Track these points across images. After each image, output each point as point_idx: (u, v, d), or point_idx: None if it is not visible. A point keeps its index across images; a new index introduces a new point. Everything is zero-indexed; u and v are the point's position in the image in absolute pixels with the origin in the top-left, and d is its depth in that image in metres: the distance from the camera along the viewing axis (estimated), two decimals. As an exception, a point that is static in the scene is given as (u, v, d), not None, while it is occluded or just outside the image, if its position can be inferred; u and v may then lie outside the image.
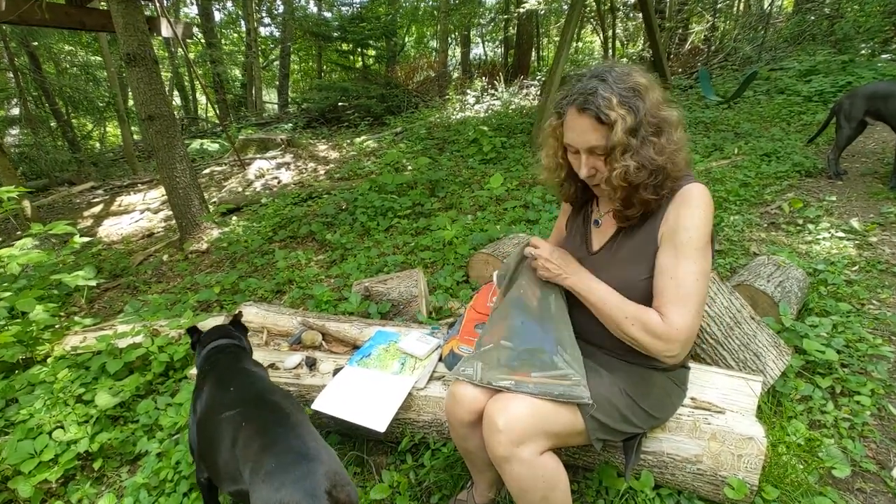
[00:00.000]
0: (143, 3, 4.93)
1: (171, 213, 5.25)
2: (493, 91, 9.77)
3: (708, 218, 1.24)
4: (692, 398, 1.65)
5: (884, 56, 7.28)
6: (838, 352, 2.17)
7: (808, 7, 9.07)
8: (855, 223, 3.33)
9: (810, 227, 3.41)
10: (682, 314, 1.21)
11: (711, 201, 1.27)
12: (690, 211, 1.23)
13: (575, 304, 1.42)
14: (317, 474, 1.17)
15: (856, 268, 2.91)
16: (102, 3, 6.41)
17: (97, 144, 13.67)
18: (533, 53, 13.08)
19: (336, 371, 2.00)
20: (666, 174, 1.23)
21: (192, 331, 1.90)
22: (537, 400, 1.25)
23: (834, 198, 3.87)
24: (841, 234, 3.26)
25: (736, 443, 1.50)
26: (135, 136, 11.83)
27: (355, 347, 2.21)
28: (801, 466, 1.65)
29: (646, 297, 1.29)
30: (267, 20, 16.30)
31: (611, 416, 1.32)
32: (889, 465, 1.74)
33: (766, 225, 3.60)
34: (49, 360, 2.47)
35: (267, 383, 1.61)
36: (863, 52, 7.63)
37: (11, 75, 9.26)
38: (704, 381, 1.75)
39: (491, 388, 1.33)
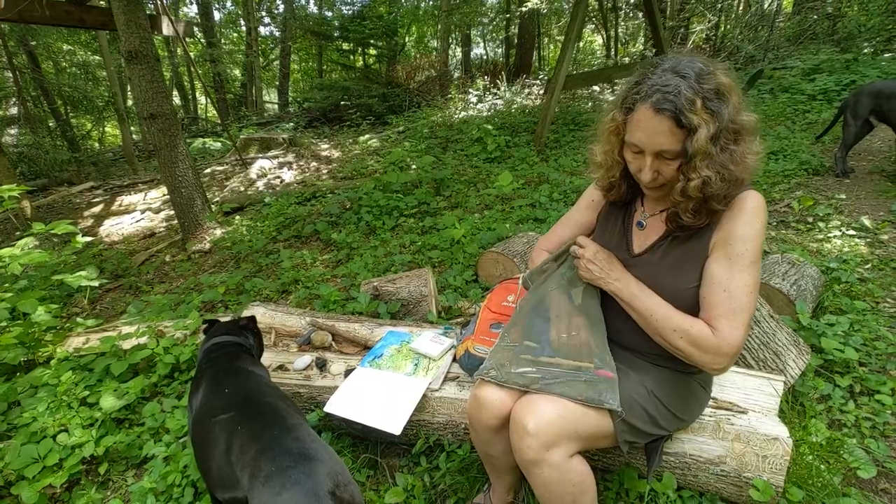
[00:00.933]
0: (144, 0, 4.88)
1: (172, 212, 5.21)
2: (495, 90, 9.74)
3: (763, 229, 1.19)
4: (714, 398, 1.62)
5: (886, 55, 7.27)
6: (856, 350, 2.14)
7: (810, 6, 9.06)
8: (866, 221, 3.30)
9: (820, 224, 3.38)
10: (734, 328, 1.16)
11: (766, 209, 1.20)
12: (747, 221, 1.17)
13: (607, 304, 1.38)
14: (318, 475, 1.14)
15: (868, 266, 2.88)
16: (102, 1, 6.38)
17: (96, 144, 13.60)
18: (534, 53, 13.05)
19: (348, 372, 1.96)
20: (739, 184, 1.15)
21: (210, 324, 1.87)
22: (566, 401, 1.21)
23: (843, 196, 3.84)
24: (852, 232, 3.23)
25: (760, 443, 1.47)
26: (134, 136, 11.78)
27: (366, 348, 2.17)
28: (825, 467, 1.62)
29: (692, 305, 1.24)
30: (267, 20, 16.26)
31: (639, 418, 1.29)
32: (912, 465, 1.70)
33: (775, 223, 3.57)
34: (52, 363, 2.42)
35: (263, 384, 1.57)
36: (866, 50, 7.61)
37: (10, 74, 9.20)
38: (725, 381, 1.72)
39: (518, 388, 1.29)
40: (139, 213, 6.34)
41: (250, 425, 1.32)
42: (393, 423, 1.67)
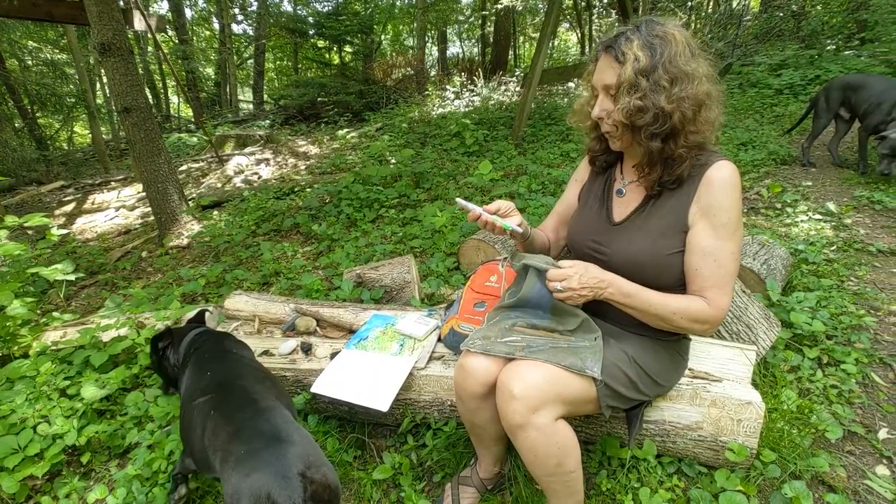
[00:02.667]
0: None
1: (147, 209, 5.13)
2: (472, 87, 9.80)
3: (740, 196, 1.25)
4: (690, 369, 1.68)
5: (848, 52, 7.56)
6: (823, 324, 2.25)
7: (777, 5, 9.35)
8: (831, 206, 3.45)
9: (788, 210, 3.51)
10: (723, 294, 1.24)
11: (740, 178, 1.26)
12: (725, 191, 1.22)
13: None
14: (289, 456, 1.15)
15: (834, 247, 3.00)
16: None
17: (64, 144, 13.21)
18: (510, 50, 13.16)
19: (333, 355, 1.97)
20: (673, 126, 1.19)
21: (164, 335, 1.78)
22: (551, 367, 1.25)
23: (809, 183, 4.00)
24: (818, 217, 3.37)
25: (735, 408, 1.54)
26: (105, 136, 11.48)
27: (351, 332, 2.19)
28: (796, 431, 1.70)
29: (669, 272, 1.30)
30: (241, 17, 16.02)
31: (621, 384, 1.33)
32: (875, 427, 1.80)
33: (746, 210, 3.69)
34: (30, 355, 2.37)
35: (244, 366, 1.59)
36: (829, 47, 7.90)
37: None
38: (700, 352, 1.79)
39: (503, 356, 1.32)
40: (113, 210, 6.21)
41: (223, 409, 1.33)
42: (380, 400, 1.68)
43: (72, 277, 2.90)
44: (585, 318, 1.38)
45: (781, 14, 9.06)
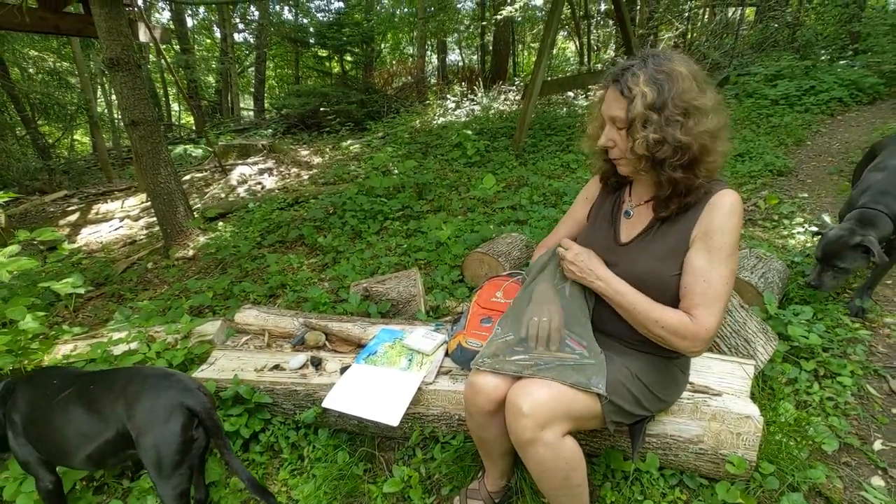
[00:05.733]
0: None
1: (152, 220, 5.18)
2: (472, 96, 9.89)
3: (740, 224, 1.31)
4: (691, 383, 1.73)
5: (842, 62, 7.67)
6: (819, 336, 2.30)
7: (771, 15, 9.47)
8: (827, 218, 3.51)
9: (785, 222, 3.58)
10: (710, 314, 1.28)
11: (742, 206, 1.33)
12: (725, 216, 1.29)
13: (596, 296, 1.48)
14: (184, 379, 1.52)
15: (829, 260, 3.06)
16: (71, 7, 6.28)
17: (65, 153, 13.27)
18: (509, 59, 13.28)
19: (343, 369, 2.02)
20: (694, 157, 1.26)
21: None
22: (558, 385, 1.30)
23: (806, 195, 4.06)
24: (814, 229, 3.42)
25: (734, 422, 1.59)
26: (107, 144, 11.54)
27: (359, 346, 2.23)
28: (793, 443, 1.75)
29: (671, 293, 1.35)
30: (242, 26, 16.13)
31: (625, 400, 1.38)
32: (870, 439, 1.85)
33: (744, 221, 3.75)
34: (44, 369, 2.41)
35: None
36: (823, 57, 8.00)
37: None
38: (701, 367, 1.84)
39: (511, 374, 1.38)
40: (118, 220, 6.26)
41: (101, 379, 1.56)
42: (391, 415, 1.74)
43: (81, 291, 2.95)
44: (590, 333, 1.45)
45: (776, 25, 9.17)
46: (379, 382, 1.89)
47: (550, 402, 1.27)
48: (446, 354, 2.00)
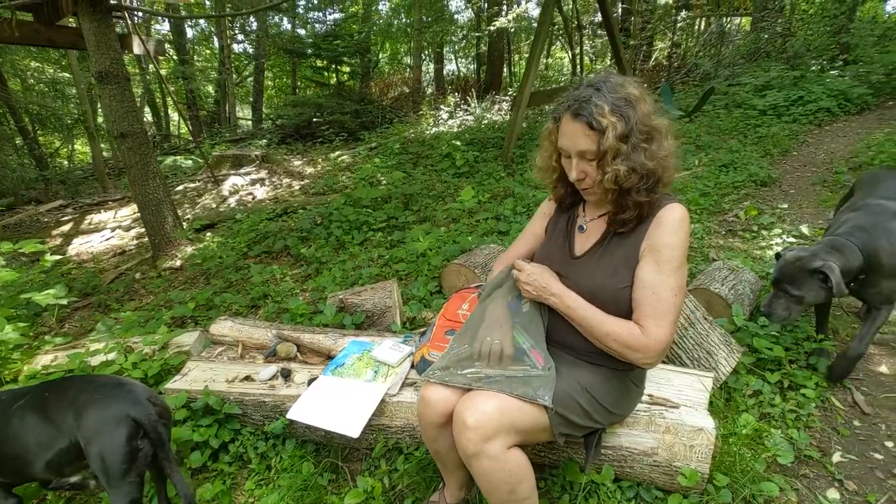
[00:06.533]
0: (115, 20, 4.93)
1: (143, 230, 5.21)
2: (465, 106, 9.97)
3: (687, 236, 1.35)
4: (649, 395, 1.76)
5: (833, 72, 7.74)
6: (787, 349, 2.33)
7: (762, 26, 9.56)
8: (804, 229, 3.55)
9: (764, 233, 3.61)
10: (660, 326, 1.31)
11: (689, 220, 1.37)
12: (672, 230, 1.33)
13: (551, 310, 1.51)
14: (135, 389, 1.57)
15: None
16: (71, 21, 6.38)
17: (65, 162, 13.39)
18: (505, 69, 13.40)
19: (311, 381, 2.05)
20: (657, 178, 1.31)
21: None
22: (505, 397, 1.33)
23: (786, 206, 4.10)
24: (792, 239, 3.46)
25: (688, 434, 1.61)
26: (105, 154, 11.64)
27: (329, 358, 2.26)
28: (750, 455, 1.77)
29: (623, 304, 1.39)
30: (240, 37, 16.30)
31: (574, 412, 1.41)
32: (830, 451, 1.87)
33: (724, 232, 3.79)
34: (20, 380, 2.45)
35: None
36: (813, 68, 8.08)
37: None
38: (660, 379, 1.87)
39: (460, 387, 1.40)
40: (109, 231, 6.31)
41: (55, 389, 1.59)
42: (351, 426, 1.76)
43: (64, 302, 2.99)
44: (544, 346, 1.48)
45: (767, 35, 9.25)
46: (343, 394, 1.92)
47: (495, 414, 1.30)
48: (412, 366, 2.03)
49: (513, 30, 10.92)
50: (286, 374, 2.13)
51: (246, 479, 1.98)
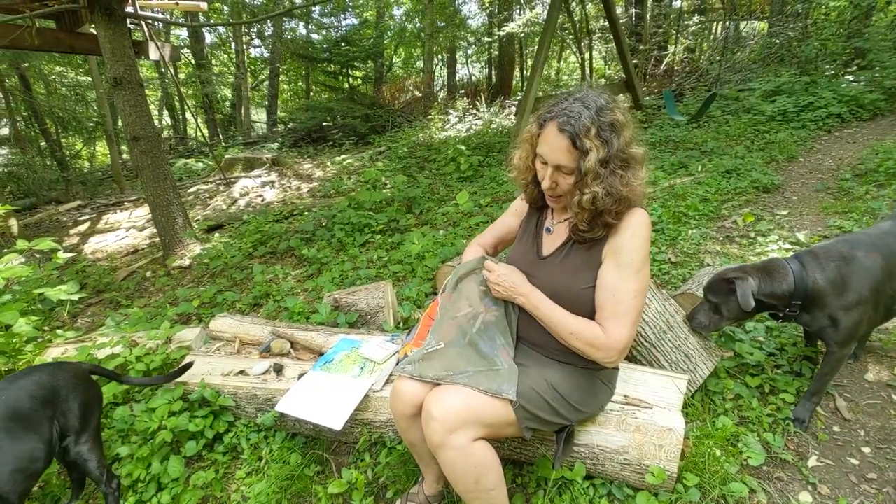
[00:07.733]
0: (131, 27, 5.12)
1: (155, 230, 5.38)
2: (475, 111, 10.05)
3: (647, 241, 1.41)
4: (625, 395, 1.81)
5: (848, 77, 7.63)
6: (770, 354, 2.35)
7: (774, 31, 9.47)
8: (801, 236, 3.54)
9: (760, 239, 3.61)
10: (620, 327, 1.38)
11: (650, 225, 1.43)
12: (633, 234, 1.39)
13: (517, 307, 1.58)
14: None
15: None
16: (91, 28, 6.61)
17: (86, 164, 13.78)
18: (517, 73, 13.46)
19: (301, 376, 2.13)
20: (628, 203, 1.38)
21: None
22: (471, 391, 1.40)
23: (785, 212, 4.09)
24: (788, 246, 3.46)
25: (657, 434, 1.66)
26: (123, 156, 11.97)
27: (320, 354, 2.35)
28: (722, 456, 1.81)
29: (586, 304, 1.45)
30: (257, 42, 16.62)
31: (540, 408, 1.46)
32: (807, 455, 1.90)
33: (721, 238, 3.80)
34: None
35: None
36: (827, 73, 7.98)
37: (1, 96, 9.41)
38: (637, 380, 1.91)
39: (430, 381, 1.47)
40: (124, 230, 6.51)
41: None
42: (335, 419, 1.84)
43: (75, 297, 3.12)
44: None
45: (779, 41, 9.17)
46: (329, 388, 2.00)
47: (460, 407, 1.37)
48: (397, 363, 2.10)
49: (524, 34, 10.97)
50: (278, 370, 2.22)
51: (238, 469, 2.07)
